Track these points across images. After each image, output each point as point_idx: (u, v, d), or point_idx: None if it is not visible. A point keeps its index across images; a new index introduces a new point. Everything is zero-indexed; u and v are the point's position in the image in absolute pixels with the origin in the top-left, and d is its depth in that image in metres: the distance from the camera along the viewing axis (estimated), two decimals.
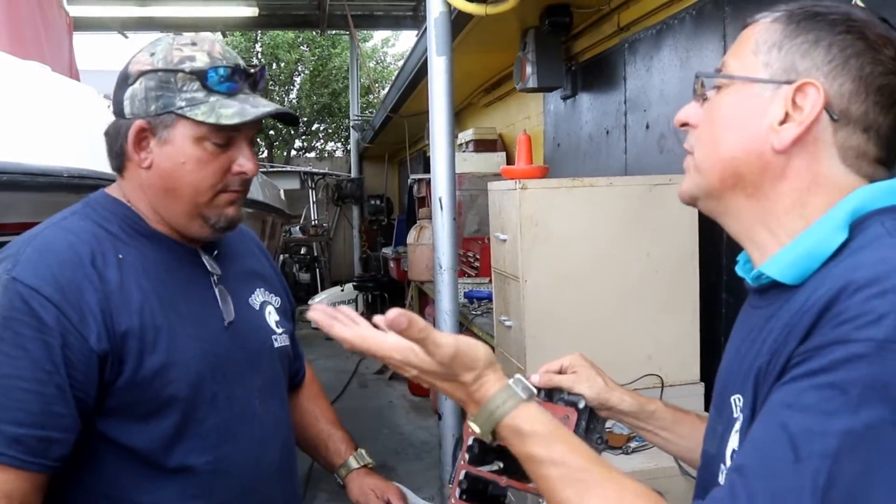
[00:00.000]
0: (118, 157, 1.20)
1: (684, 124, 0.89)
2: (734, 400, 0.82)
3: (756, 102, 0.81)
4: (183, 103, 1.14)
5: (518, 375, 1.11)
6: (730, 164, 0.83)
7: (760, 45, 0.82)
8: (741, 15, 2.55)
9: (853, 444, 0.63)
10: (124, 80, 1.17)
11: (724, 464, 0.83)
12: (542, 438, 0.79)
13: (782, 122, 0.79)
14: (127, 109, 1.16)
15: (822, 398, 0.65)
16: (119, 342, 1.10)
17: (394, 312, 0.77)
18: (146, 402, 1.14)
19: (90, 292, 1.09)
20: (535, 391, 0.86)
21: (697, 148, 0.87)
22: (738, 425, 0.81)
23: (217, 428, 1.20)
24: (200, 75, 1.14)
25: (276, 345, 1.35)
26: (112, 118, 1.20)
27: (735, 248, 0.89)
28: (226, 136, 1.16)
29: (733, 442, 0.81)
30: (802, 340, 0.70)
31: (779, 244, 0.81)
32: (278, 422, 1.33)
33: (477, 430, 0.83)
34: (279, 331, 1.37)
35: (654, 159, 3.22)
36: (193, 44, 1.17)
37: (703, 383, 2.66)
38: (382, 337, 0.82)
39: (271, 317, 1.36)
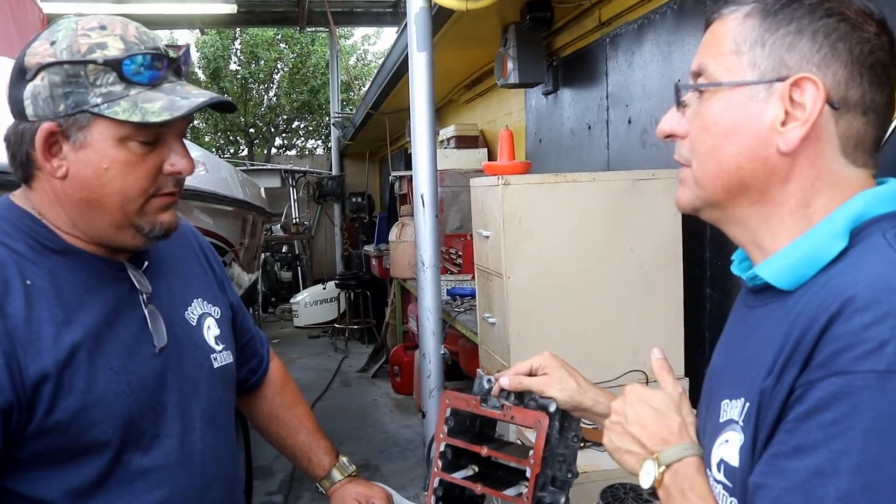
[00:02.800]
0: (24, 167, 1.03)
1: (669, 135, 0.85)
2: (723, 405, 0.81)
3: (751, 106, 0.77)
4: (98, 100, 0.97)
5: (485, 374, 1.08)
6: (734, 173, 0.79)
7: (740, 43, 0.78)
8: None
9: (865, 482, 0.62)
10: (20, 74, 0.99)
11: (710, 470, 0.81)
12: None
13: (784, 123, 0.76)
14: (30, 110, 0.99)
15: (828, 437, 0.64)
16: (28, 390, 0.95)
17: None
18: (61, 450, 0.99)
19: None
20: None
21: (695, 159, 0.82)
22: (725, 435, 0.79)
23: (150, 472, 1.07)
24: (115, 65, 0.98)
25: (216, 365, 1.22)
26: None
27: (719, 243, 0.88)
28: (153, 133, 1.01)
29: (721, 451, 0.79)
30: (804, 366, 0.68)
31: (779, 246, 0.79)
32: (222, 453, 1.21)
33: (653, 470, 0.83)
34: (219, 347, 1.23)
35: (637, 154, 3.21)
36: (102, 27, 1.00)
37: (687, 378, 2.66)
38: None
39: (210, 332, 1.23)
